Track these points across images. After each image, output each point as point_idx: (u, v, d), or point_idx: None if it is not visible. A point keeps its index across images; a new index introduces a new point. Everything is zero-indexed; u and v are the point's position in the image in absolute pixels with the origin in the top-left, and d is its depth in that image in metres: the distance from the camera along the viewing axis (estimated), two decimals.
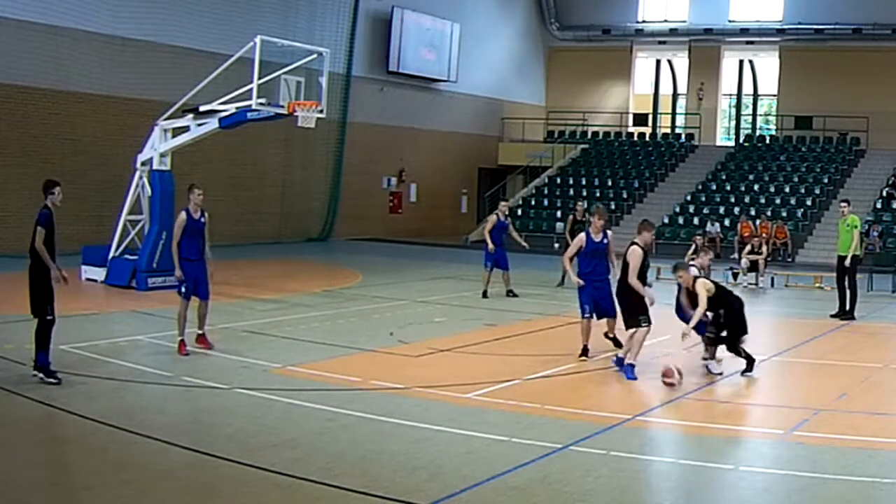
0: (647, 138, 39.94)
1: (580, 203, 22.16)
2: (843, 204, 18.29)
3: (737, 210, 32.21)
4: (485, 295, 18.69)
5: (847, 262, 17.44)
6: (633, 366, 11.76)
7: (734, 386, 11.68)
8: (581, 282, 12.78)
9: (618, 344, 13.09)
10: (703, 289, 11.87)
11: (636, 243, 12.08)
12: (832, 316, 17.38)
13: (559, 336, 14.33)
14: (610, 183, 36.05)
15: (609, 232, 13.23)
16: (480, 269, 24.06)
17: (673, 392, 10.95)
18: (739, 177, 34.79)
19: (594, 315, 12.90)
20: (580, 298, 12.94)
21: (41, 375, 10.11)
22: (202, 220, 12.66)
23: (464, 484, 7.44)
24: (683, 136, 39.44)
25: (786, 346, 14.76)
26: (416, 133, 36.37)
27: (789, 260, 28.51)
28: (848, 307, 17.41)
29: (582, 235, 13.00)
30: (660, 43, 40.82)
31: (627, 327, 12.05)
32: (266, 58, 18.19)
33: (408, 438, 8.72)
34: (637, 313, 11.91)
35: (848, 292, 17.47)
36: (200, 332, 12.60)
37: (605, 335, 13.36)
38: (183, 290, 12.37)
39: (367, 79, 33.77)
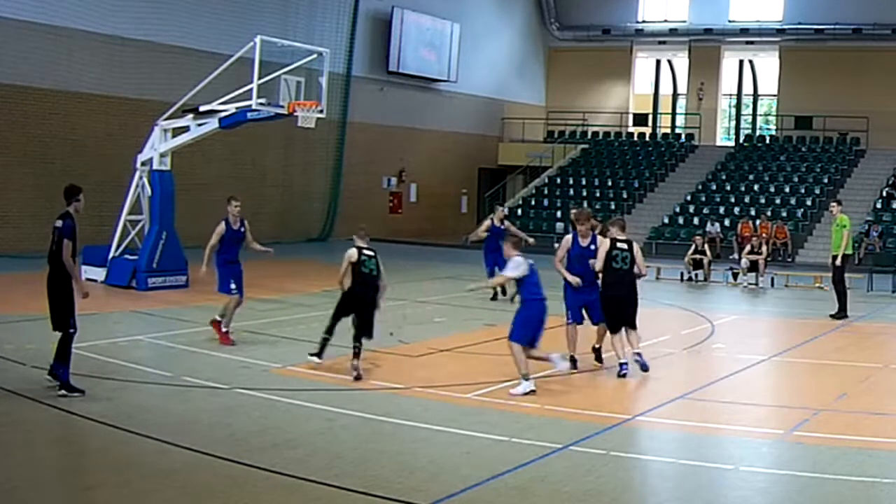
0: (647, 138, 39.93)
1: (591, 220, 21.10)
2: (833, 204, 18.37)
3: (737, 210, 32.23)
4: (494, 296, 18.28)
5: (838, 262, 17.55)
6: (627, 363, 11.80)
7: (734, 386, 11.68)
8: (577, 280, 11.97)
9: (598, 359, 12.51)
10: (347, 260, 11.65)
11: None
12: (832, 316, 17.38)
13: (559, 336, 14.31)
14: (610, 183, 36.04)
15: (599, 237, 12.40)
16: (480, 269, 24.05)
17: (673, 392, 10.95)
18: (739, 177, 34.79)
19: (581, 322, 12.33)
20: (566, 303, 12.30)
21: (63, 392, 9.69)
22: (242, 229, 13.69)
23: (464, 484, 7.44)
24: (683, 136, 39.43)
25: (786, 346, 14.76)
26: (416, 133, 36.36)
27: (789, 260, 28.52)
28: (839, 306, 17.44)
29: (569, 238, 12.34)
30: (660, 43, 40.81)
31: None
32: (266, 58, 18.19)
33: (408, 438, 8.72)
34: None
35: (842, 291, 17.52)
36: (219, 320, 13.19)
37: (593, 347, 12.65)
38: (232, 286, 13.27)
39: (367, 79, 33.77)
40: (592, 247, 12.18)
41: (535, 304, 10.85)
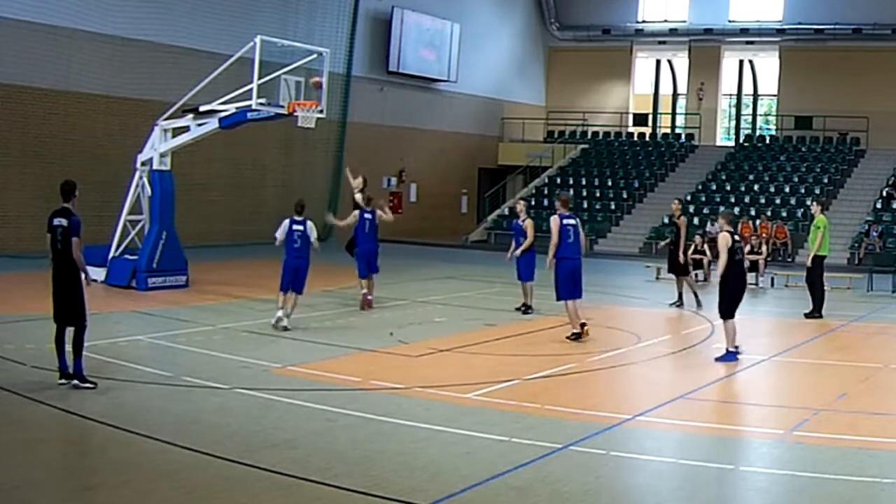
0: (647, 138, 39.94)
1: (675, 202, 19.72)
2: (813, 203, 18.43)
3: (737, 210, 32.19)
4: (526, 309, 16.63)
5: (808, 262, 17.63)
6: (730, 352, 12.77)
7: (734, 386, 11.68)
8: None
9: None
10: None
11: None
12: (806, 315, 17.34)
13: (559, 336, 14.33)
14: (610, 183, 36.05)
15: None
16: (479, 268, 24.15)
17: (673, 392, 10.95)
18: (739, 177, 34.80)
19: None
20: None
21: (76, 382, 9.96)
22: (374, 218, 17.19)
23: (464, 484, 7.44)
24: (683, 136, 39.44)
25: (786, 346, 14.75)
26: (416, 133, 36.36)
27: (789, 260, 28.50)
28: (813, 306, 17.44)
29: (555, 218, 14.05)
30: (660, 43, 40.82)
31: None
32: (266, 58, 18.17)
33: (408, 438, 8.72)
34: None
35: (821, 291, 17.58)
36: (370, 296, 16.72)
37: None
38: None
39: (367, 79, 33.77)
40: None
41: (288, 259, 14.62)
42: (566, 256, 13.92)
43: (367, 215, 16.94)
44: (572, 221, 14.06)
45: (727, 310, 12.89)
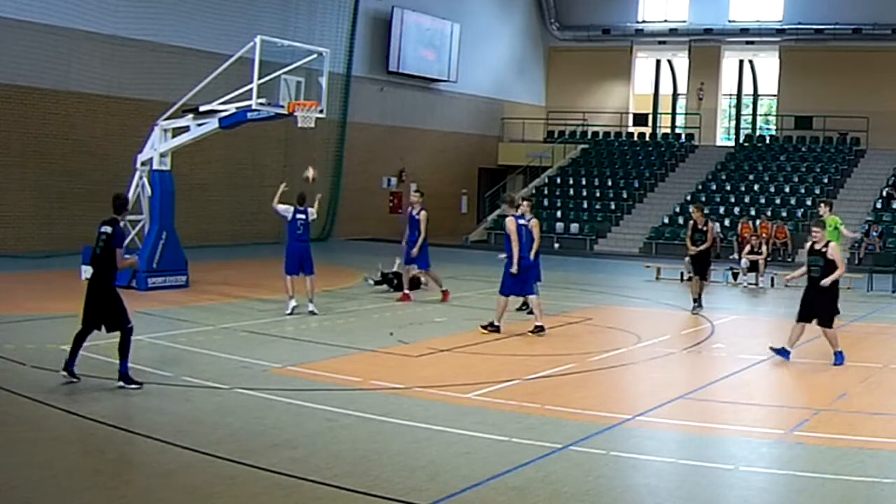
0: (647, 138, 39.95)
1: (696, 210, 19.74)
2: (821, 205, 18.37)
3: (737, 210, 32.23)
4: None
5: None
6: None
7: (734, 386, 11.68)
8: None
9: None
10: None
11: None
12: None
13: (559, 336, 14.34)
14: (610, 183, 36.05)
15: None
16: (480, 268, 24.08)
17: (673, 392, 10.95)
18: (739, 177, 34.80)
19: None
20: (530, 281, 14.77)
21: (122, 383, 10.12)
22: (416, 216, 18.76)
23: (464, 484, 7.44)
24: (683, 136, 39.46)
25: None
26: (416, 133, 36.37)
27: (789, 260, 28.48)
28: None
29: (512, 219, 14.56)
30: (660, 43, 40.84)
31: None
32: (266, 58, 18.18)
33: (408, 438, 8.72)
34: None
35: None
36: (406, 291, 17.90)
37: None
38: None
39: (367, 79, 33.78)
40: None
41: (291, 244, 15.72)
42: (523, 255, 14.57)
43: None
44: (523, 221, 14.96)
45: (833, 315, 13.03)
